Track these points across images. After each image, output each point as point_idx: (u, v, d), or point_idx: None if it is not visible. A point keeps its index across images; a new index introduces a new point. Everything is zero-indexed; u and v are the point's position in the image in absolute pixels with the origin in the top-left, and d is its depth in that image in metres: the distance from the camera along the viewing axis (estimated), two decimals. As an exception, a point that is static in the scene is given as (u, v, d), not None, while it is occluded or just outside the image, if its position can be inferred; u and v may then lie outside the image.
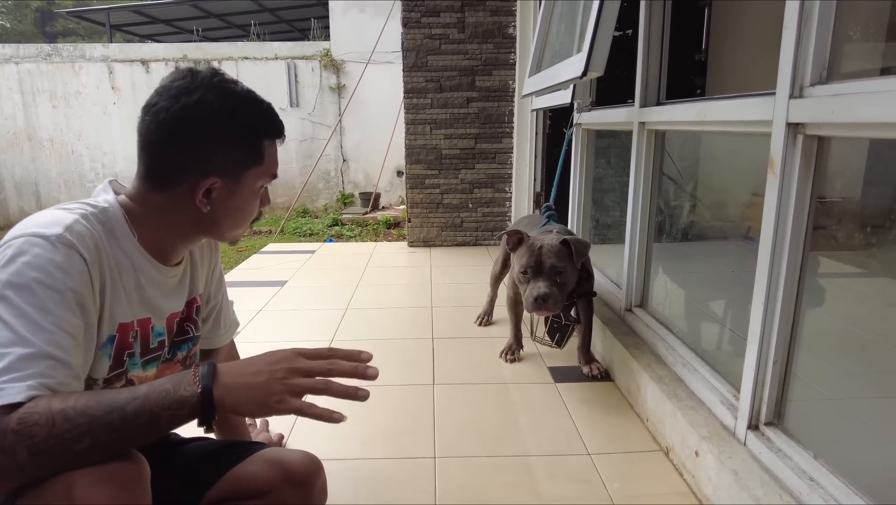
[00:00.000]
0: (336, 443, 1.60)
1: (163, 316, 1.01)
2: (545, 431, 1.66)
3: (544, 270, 1.75)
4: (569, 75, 1.44)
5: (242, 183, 0.95)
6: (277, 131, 0.99)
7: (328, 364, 0.86)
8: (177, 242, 0.99)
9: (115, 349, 0.91)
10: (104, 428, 0.72)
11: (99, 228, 0.87)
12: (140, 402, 0.75)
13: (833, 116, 1.00)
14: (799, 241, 1.14)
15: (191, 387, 0.77)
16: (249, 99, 0.94)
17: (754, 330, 1.24)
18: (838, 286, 1.35)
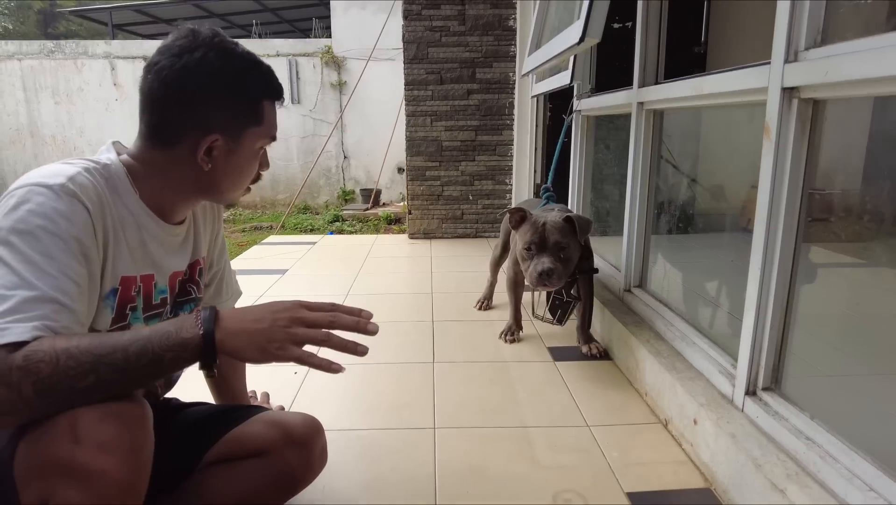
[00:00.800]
0: (337, 414, 1.62)
1: (165, 273, 1.02)
2: (544, 405, 1.67)
3: (548, 245, 1.76)
4: (567, 43, 1.45)
5: (242, 142, 0.96)
6: (277, 93, 1.00)
7: (330, 316, 0.86)
8: (177, 201, 1.00)
9: (118, 302, 0.92)
10: (107, 367, 0.74)
11: (101, 182, 0.88)
12: (143, 343, 0.76)
13: (826, 77, 1.01)
14: (795, 206, 1.16)
15: (192, 329, 0.79)
16: (250, 60, 0.96)
17: (751, 295, 1.25)
18: (839, 276, 1.37)
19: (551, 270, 1.73)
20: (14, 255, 0.76)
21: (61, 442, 0.73)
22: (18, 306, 0.73)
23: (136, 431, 0.78)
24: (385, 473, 1.35)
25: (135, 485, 0.77)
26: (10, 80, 7.40)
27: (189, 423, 1.16)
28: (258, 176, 1.07)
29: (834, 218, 1.36)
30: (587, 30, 1.31)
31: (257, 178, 1.07)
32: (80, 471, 0.72)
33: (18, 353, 0.71)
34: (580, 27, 1.33)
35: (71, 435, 0.73)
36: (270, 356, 0.81)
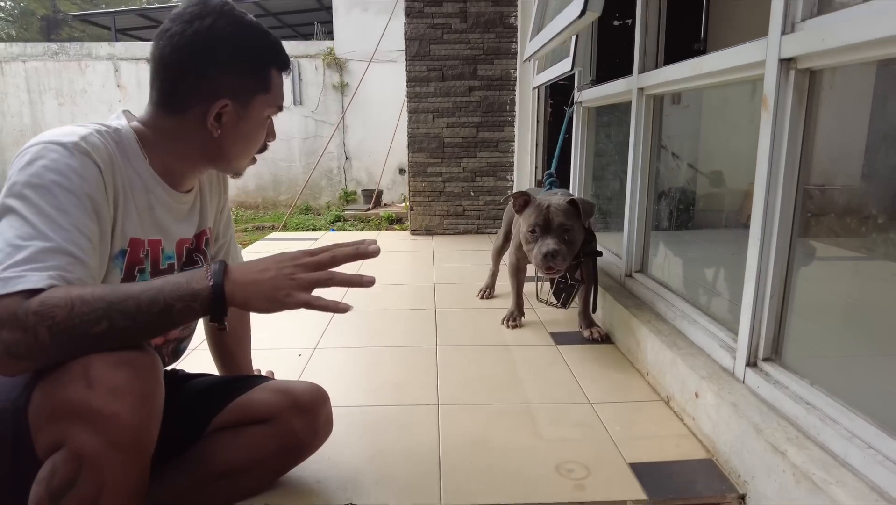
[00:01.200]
0: (342, 392, 1.63)
1: (173, 240, 1.04)
2: (546, 384, 1.69)
3: (552, 227, 1.78)
4: (569, 19, 1.48)
5: (251, 109, 0.98)
6: (284, 62, 1.02)
7: (330, 255, 0.88)
8: (186, 168, 1.02)
9: (127, 263, 0.94)
10: (120, 314, 0.76)
11: (112, 145, 0.91)
12: (154, 292, 0.78)
13: (823, 44, 1.03)
14: (793, 175, 1.18)
15: (203, 281, 0.81)
16: (259, 29, 0.98)
17: (751, 266, 1.27)
18: (839, 268, 1.39)
19: (556, 252, 1.74)
20: (29, 207, 0.78)
21: (75, 387, 0.75)
22: (34, 256, 0.75)
23: (147, 378, 0.79)
24: (389, 446, 1.36)
25: (146, 429, 0.78)
26: (15, 81, 7.46)
27: (196, 391, 1.17)
28: (265, 146, 1.09)
29: (833, 213, 1.38)
30: (588, 3, 1.34)
31: (264, 148, 1.09)
32: (93, 414, 0.74)
33: (35, 298, 0.73)
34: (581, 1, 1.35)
35: (84, 380, 0.75)
36: (278, 304, 0.83)
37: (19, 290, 0.73)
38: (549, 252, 1.75)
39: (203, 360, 1.48)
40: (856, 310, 1.37)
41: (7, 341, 0.72)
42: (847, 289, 1.44)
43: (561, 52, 2.30)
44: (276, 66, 1.00)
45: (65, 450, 0.75)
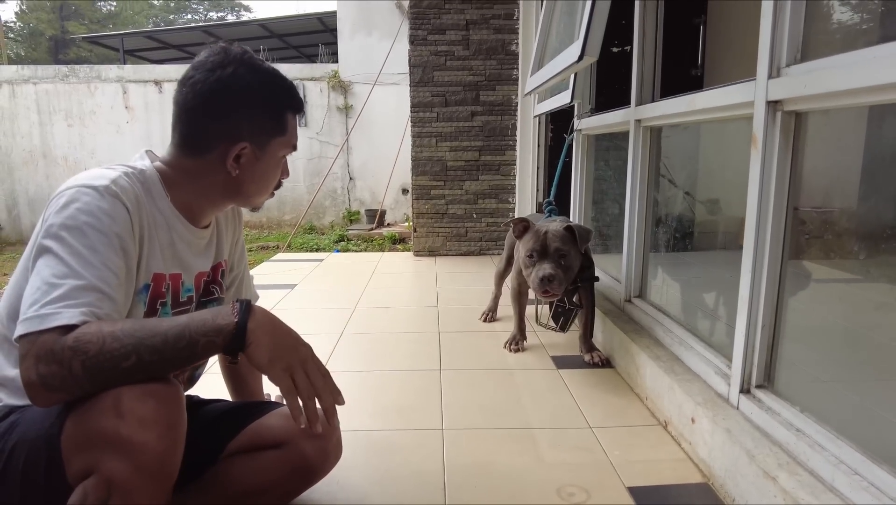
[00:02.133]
0: (349, 416, 1.67)
1: (192, 273, 1.10)
2: (548, 408, 1.73)
3: (549, 252, 1.84)
4: (567, 62, 1.55)
5: (268, 150, 1.05)
6: (299, 105, 1.09)
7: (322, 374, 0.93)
8: (206, 205, 1.09)
9: (150, 297, 1.00)
10: (148, 349, 0.81)
11: (138, 186, 0.98)
12: (180, 329, 0.84)
13: (805, 90, 1.10)
14: (782, 208, 1.24)
15: (228, 317, 0.86)
16: (276, 75, 1.05)
17: (743, 295, 1.33)
18: (835, 290, 1.43)
19: (552, 276, 1.80)
20: (64, 248, 0.85)
21: (106, 417, 0.80)
22: (68, 293, 0.81)
23: (172, 408, 0.85)
24: (396, 469, 1.40)
25: (171, 456, 0.84)
26: (26, 103, 7.59)
27: (211, 417, 1.22)
28: (279, 183, 1.16)
29: (831, 235, 1.43)
30: (585, 48, 1.41)
31: (279, 185, 1.16)
32: (123, 442, 0.79)
33: (70, 334, 0.79)
34: (579, 46, 1.43)
35: (115, 411, 0.80)
36: (273, 368, 0.88)
37: (55, 326, 0.79)
38: (545, 276, 1.81)
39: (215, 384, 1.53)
40: (849, 334, 1.41)
41: (44, 374, 0.77)
42: (842, 312, 1.48)
43: (561, 84, 2.38)
44: (291, 109, 1.07)
45: (96, 476, 0.80)
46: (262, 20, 10.71)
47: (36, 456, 0.85)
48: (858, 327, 1.41)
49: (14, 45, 24.37)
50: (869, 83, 0.95)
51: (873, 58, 0.95)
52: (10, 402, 0.93)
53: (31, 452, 0.85)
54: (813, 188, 1.42)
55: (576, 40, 1.44)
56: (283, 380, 0.88)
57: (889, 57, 0.91)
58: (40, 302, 0.80)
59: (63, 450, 0.83)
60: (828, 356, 1.43)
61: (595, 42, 1.41)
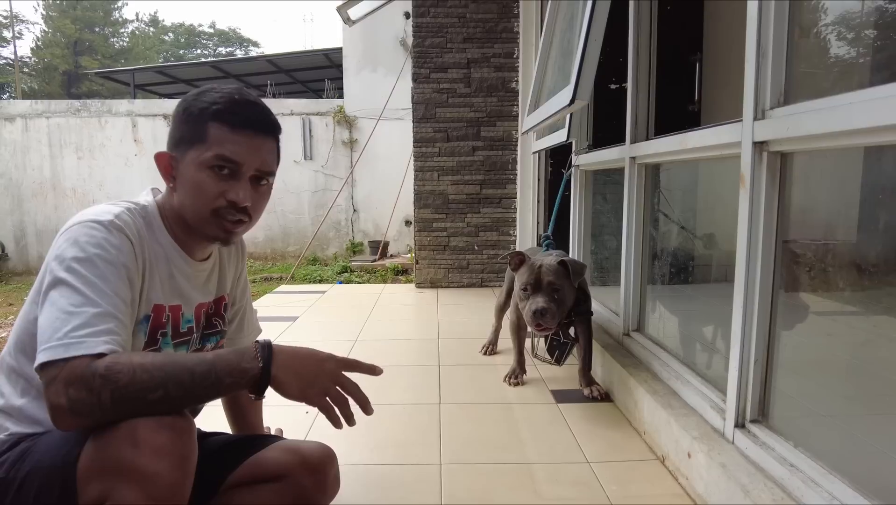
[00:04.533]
0: (347, 450, 1.68)
1: (191, 304, 1.13)
2: (546, 443, 1.73)
3: (543, 286, 1.87)
4: (560, 105, 1.61)
5: (188, 159, 1.02)
6: (228, 118, 1.00)
7: (353, 387, 1.01)
8: (190, 238, 1.10)
9: (150, 328, 1.04)
10: (175, 384, 0.85)
11: (140, 221, 1.03)
12: (207, 367, 0.87)
13: (788, 132, 1.15)
14: (770, 244, 1.27)
15: (252, 362, 0.91)
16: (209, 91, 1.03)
17: (736, 330, 1.35)
18: (833, 323, 1.44)
19: (545, 310, 1.83)
20: (77, 278, 0.89)
21: (123, 447, 0.83)
22: (89, 321, 0.85)
23: (185, 440, 0.87)
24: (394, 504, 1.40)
25: (182, 487, 0.86)
26: (38, 136, 7.77)
27: (212, 449, 1.24)
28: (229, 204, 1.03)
29: (832, 267, 1.45)
30: (576, 93, 1.48)
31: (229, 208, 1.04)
32: (138, 472, 0.82)
33: (100, 362, 0.82)
34: (570, 91, 1.49)
35: (131, 441, 0.83)
36: (307, 398, 0.94)
37: (84, 354, 0.82)
38: (537, 310, 1.83)
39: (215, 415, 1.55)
40: (846, 367, 1.42)
41: (74, 399, 0.80)
42: (839, 345, 1.48)
43: (557, 122, 2.45)
44: (216, 119, 1.01)
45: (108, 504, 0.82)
46: (269, 56, 11.01)
47: (50, 483, 0.87)
48: (855, 360, 1.42)
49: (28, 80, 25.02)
50: (846, 127, 0.99)
51: (849, 103, 0.99)
52: (18, 430, 0.95)
53: (46, 479, 0.87)
54: (813, 221, 1.44)
55: (568, 84, 1.51)
56: (319, 402, 0.95)
57: (865, 102, 0.95)
58: (62, 330, 0.83)
59: (79, 478, 0.85)
60: (824, 390, 1.44)
61: (586, 86, 1.47)
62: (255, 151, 1.03)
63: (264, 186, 1.09)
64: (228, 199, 1.03)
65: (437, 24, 4.15)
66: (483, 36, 4.16)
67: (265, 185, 1.09)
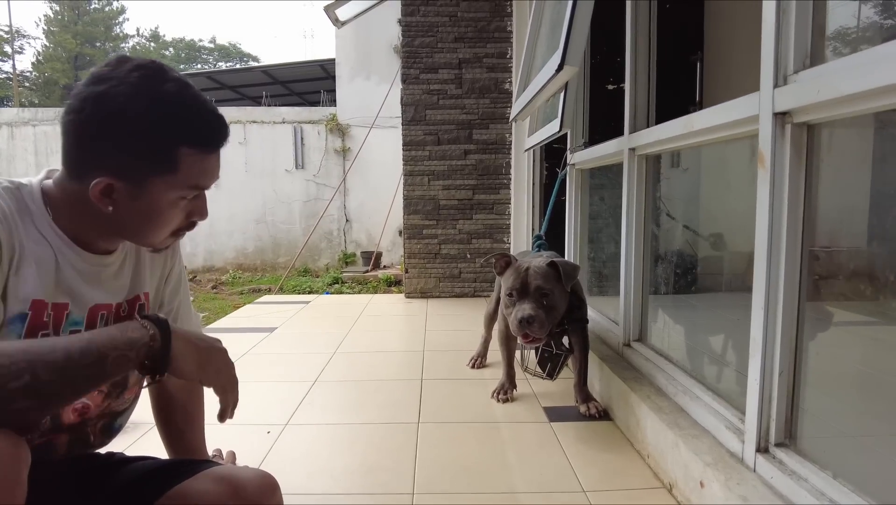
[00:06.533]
0: (306, 476, 1.47)
1: (84, 304, 0.92)
2: (536, 469, 1.51)
3: (530, 291, 1.66)
4: (548, 74, 1.42)
5: (148, 190, 0.85)
6: (203, 139, 0.86)
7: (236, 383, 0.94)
8: (92, 233, 0.91)
9: (29, 327, 0.83)
10: (46, 367, 0.67)
11: (11, 203, 0.83)
12: (85, 343, 0.72)
13: (819, 95, 0.95)
14: (796, 235, 1.07)
15: (140, 330, 0.77)
16: (172, 101, 0.83)
17: (756, 338, 1.14)
18: (849, 334, 1.30)
19: (532, 317, 1.62)
20: None
21: None
22: None
23: None
24: (351, 544, 1.19)
25: None
26: (24, 144, 7.62)
27: (131, 478, 1.03)
28: (190, 224, 0.95)
29: (841, 276, 1.30)
30: (565, 58, 1.28)
31: (190, 226, 0.96)
32: None
33: None
34: (559, 56, 1.30)
35: None
36: (206, 373, 0.85)
37: None
38: (523, 318, 1.62)
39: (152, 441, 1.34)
40: (873, 381, 1.24)
41: None
42: (857, 357, 1.31)
43: (550, 113, 2.26)
44: (186, 143, 0.85)
45: None
46: (264, 66, 10.92)
47: None
48: (881, 373, 1.23)
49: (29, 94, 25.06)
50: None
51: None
52: None
53: None
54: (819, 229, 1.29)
55: (557, 50, 1.32)
56: (217, 381, 0.87)
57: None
58: None
59: None
60: (851, 407, 1.24)
61: (577, 50, 1.28)
62: (218, 168, 0.92)
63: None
64: (193, 221, 0.95)
65: (427, 24, 3.99)
66: (475, 35, 4.00)
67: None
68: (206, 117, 0.87)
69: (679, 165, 2.07)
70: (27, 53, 25.38)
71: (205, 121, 0.87)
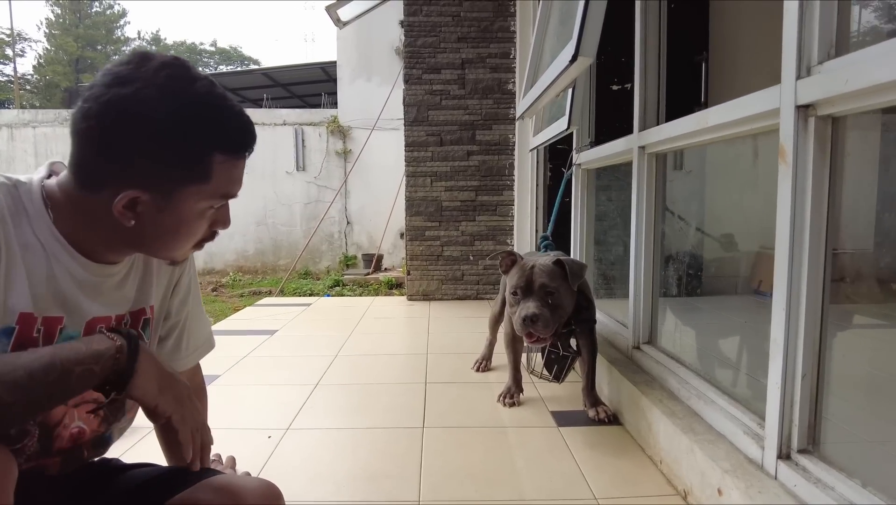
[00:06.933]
0: (309, 484, 1.42)
1: (80, 317, 0.84)
2: (545, 475, 1.47)
3: (535, 289, 1.62)
4: (561, 66, 1.38)
5: (177, 201, 0.79)
6: (236, 145, 0.80)
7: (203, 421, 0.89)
8: (99, 245, 0.84)
9: (15, 343, 0.75)
10: (8, 386, 0.63)
11: (6, 199, 0.75)
12: (48, 358, 0.67)
13: (847, 86, 0.91)
14: (820, 233, 1.02)
15: (106, 342, 0.73)
16: (203, 103, 0.77)
17: (777, 339, 1.09)
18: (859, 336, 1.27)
19: (536, 316, 1.57)
20: None
21: None
22: None
23: None
24: (356, 554, 1.14)
25: None
26: (24, 146, 7.59)
27: (131, 486, 0.98)
28: (212, 234, 0.90)
29: (849, 278, 1.26)
30: (580, 48, 1.24)
31: (211, 237, 0.90)
32: None
33: None
34: (573, 47, 1.25)
35: None
36: (165, 398, 0.78)
37: None
38: (528, 316, 1.58)
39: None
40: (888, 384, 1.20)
41: None
42: (883, 361, 1.27)
43: (556, 112, 2.22)
44: (221, 150, 0.79)
45: None
46: (265, 69, 10.90)
47: None
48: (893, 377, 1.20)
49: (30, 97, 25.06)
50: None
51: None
52: None
53: None
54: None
55: (571, 40, 1.27)
56: (177, 409, 0.80)
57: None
58: None
59: None
60: (874, 412, 1.20)
61: (591, 40, 1.23)
62: (243, 174, 0.86)
63: None
64: (215, 231, 0.89)
65: (430, 23, 3.96)
66: (478, 35, 3.97)
67: None
68: (238, 121, 0.81)
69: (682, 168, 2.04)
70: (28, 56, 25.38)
71: (237, 125, 0.80)
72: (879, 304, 1.36)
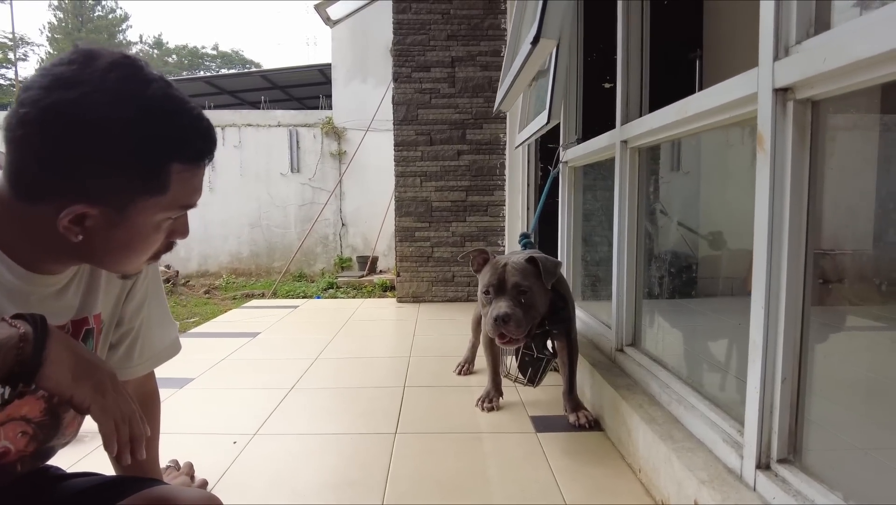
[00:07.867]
0: (267, 491, 1.35)
1: None
2: (517, 484, 1.39)
3: (507, 288, 1.55)
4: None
5: (131, 215, 0.72)
6: (196, 153, 0.73)
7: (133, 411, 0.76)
8: (39, 255, 0.76)
9: None
10: None
11: None
12: None
13: (826, 64, 0.84)
14: (800, 226, 0.95)
15: (7, 329, 0.62)
16: (159, 107, 0.69)
17: (756, 341, 1.02)
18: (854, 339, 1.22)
19: (507, 316, 1.50)
20: None
21: None
22: None
23: None
24: (306, 570, 1.07)
25: None
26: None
27: (69, 493, 0.91)
28: (169, 245, 0.82)
29: (846, 280, 1.19)
30: (541, 29, 1.17)
31: (168, 248, 0.83)
32: None
33: None
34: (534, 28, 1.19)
35: None
36: (82, 388, 0.68)
37: None
38: (499, 316, 1.51)
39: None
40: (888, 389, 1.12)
41: None
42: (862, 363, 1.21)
43: (539, 107, 2.15)
44: (178, 159, 0.71)
45: None
46: (264, 71, 10.86)
47: None
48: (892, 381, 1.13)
49: (30, 101, 25.10)
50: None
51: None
52: None
53: None
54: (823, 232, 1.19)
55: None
56: (96, 399, 0.69)
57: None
58: None
59: None
60: (860, 417, 1.12)
61: (553, 21, 1.16)
62: (202, 182, 0.80)
63: None
64: (172, 242, 0.82)
65: (419, 21, 3.90)
66: (468, 33, 3.91)
67: None
68: (197, 126, 0.73)
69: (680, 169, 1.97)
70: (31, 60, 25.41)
71: (196, 131, 0.73)
72: (878, 305, 1.31)
